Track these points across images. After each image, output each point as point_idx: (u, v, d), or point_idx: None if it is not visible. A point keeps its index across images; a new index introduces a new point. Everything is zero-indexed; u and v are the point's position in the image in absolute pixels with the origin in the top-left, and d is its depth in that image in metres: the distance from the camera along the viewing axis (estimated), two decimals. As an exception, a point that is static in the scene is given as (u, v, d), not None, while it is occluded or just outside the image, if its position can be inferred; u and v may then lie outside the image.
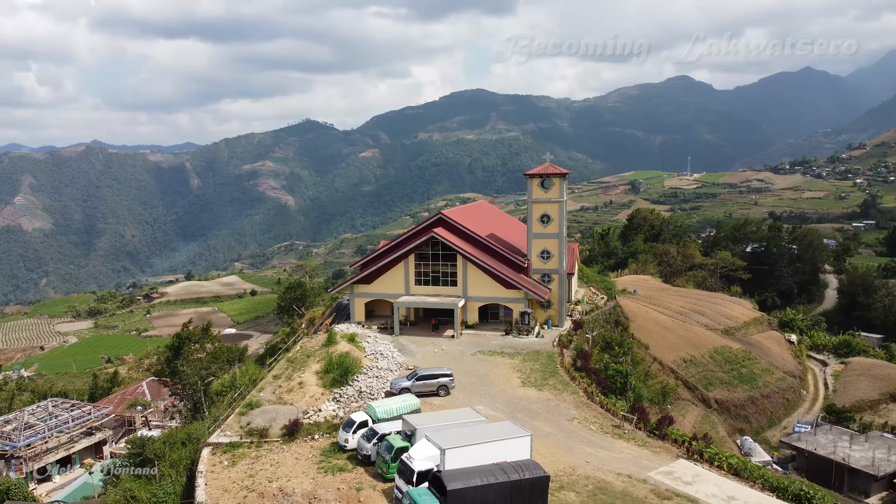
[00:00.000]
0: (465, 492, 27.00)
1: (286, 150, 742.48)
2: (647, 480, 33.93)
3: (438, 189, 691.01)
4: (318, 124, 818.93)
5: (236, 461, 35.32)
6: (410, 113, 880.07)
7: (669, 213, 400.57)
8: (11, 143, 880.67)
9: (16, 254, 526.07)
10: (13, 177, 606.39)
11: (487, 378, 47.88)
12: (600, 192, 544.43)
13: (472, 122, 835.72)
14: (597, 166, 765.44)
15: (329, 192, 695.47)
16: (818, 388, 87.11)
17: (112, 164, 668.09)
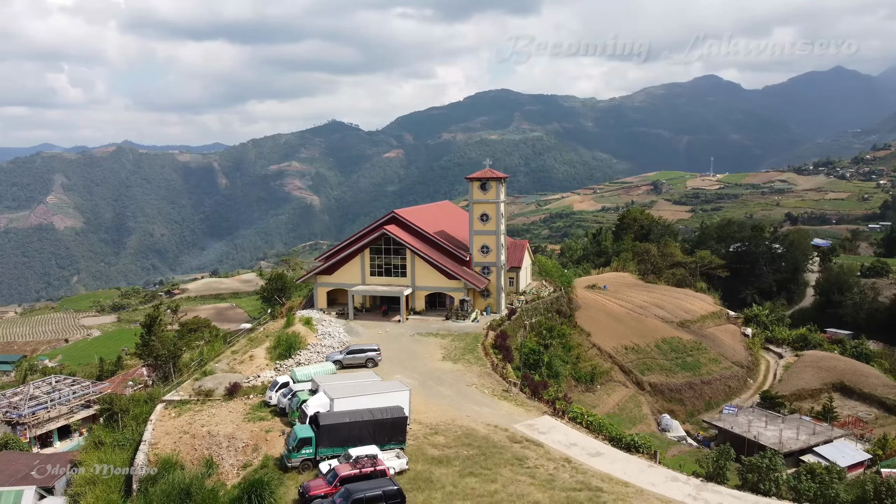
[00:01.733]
0: (334, 426, 34.73)
1: (312, 150, 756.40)
2: (509, 429, 41.25)
3: (461, 189, 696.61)
4: (344, 125, 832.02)
5: (182, 413, 43.43)
6: (434, 113, 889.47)
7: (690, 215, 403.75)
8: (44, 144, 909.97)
9: (48, 252, 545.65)
10: (46, 176, 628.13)
11: (415, 354, 55.50)
12: (622, 192, 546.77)
13: (495, 122, 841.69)
14: (621, 166, 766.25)
15: (353, 192, 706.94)
16: (767, 378, 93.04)
17: (142, 163, 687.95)
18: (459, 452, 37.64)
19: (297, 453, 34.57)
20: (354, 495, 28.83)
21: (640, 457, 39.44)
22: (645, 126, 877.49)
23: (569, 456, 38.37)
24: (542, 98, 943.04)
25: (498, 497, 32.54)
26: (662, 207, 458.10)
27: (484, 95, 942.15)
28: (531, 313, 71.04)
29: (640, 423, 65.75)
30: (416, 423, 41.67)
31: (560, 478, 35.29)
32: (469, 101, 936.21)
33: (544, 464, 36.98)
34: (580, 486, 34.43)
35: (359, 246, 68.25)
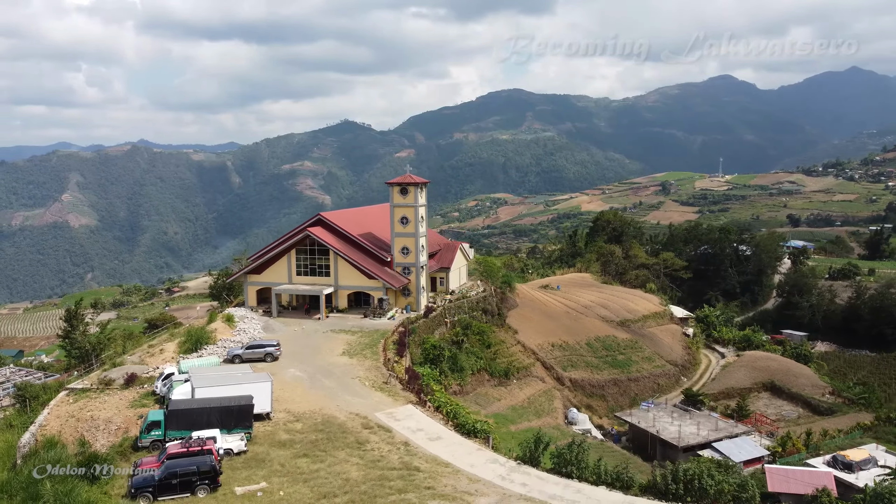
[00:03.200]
0: (181, 411, 38.83)
1: (324, 150, 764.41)
2: (368, 417, 45.08)
3: (471, 189, 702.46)
4: (356, 125, 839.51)
5: (78, 400, 47.70)
6: (447, 113, 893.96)
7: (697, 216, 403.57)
8: (61, 142, 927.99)
9: (63, 249, 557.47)
10: (61, 175, 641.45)
11: (318, 349, 59.46)
12: (630, 192, 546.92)
13: (507, 121, 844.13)
14: (633, 166, 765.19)
15: (364, 192, 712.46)
16: (703, 377, 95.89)
17: (156, 162, 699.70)
18: (307, 437, 41.53)
19: (146, 434, 38.74)
20: (170, 469, 32.88)
21: (476, 441, 43.05)
22: (659, 126, 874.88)
23: (409, 440, 42.13)
24: (555, 98, 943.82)
25: (318, 475, 36.38)
26: (670, 208, 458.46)
27: (496, 95, 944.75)
28: (454, 311, 74.65)
29: (547, 415, 69.03)
30: (286, 411, 45.67)
31: (388, 459, 39.06)
32: (481, 100, 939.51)
33: (381, 447, 40.77)
34: (401, 466, 38.18)
35: (285, 247, 72.43)
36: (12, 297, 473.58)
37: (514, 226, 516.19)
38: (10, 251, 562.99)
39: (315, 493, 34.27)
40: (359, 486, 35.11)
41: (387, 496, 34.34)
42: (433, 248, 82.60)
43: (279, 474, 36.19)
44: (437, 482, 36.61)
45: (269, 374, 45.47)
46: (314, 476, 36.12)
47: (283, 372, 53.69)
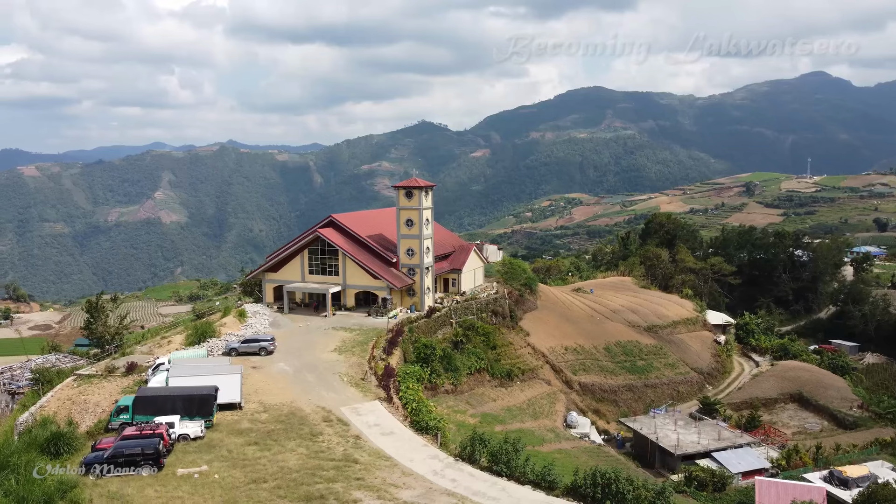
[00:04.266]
0: (147, 398, 42.55)
1: (401, 150, 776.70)
2: (332, 411, 47.58)
3: (547, 188, 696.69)
4: (433, 125, 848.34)
5: (81, 385, 52.44)
6: (524, 112, 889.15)
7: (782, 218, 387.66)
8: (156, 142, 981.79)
9: (155, 244, 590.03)
10: (154, 173, 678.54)
11: (313, 345, 62.50)
12: (713, 193, 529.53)
13: (586, 120, 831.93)
14: (719, 166, 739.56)
15: (438, 191, 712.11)
16: (731, 385, 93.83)
17: (243, 162, 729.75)
18: (266, 427, 44.42)
19: (116, 418, 42.63)
20: (118, 449, 36.39)
21: (426, 438, 44.77)
22: (746, 124, 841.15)
23: (362, 434, 44.35)
24: (637, 95, 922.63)
25: (259, 462, 39.12)
26: (753, 210, 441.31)
27: (575, 93, 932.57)
28: (461, 312, 76.29)
29: (545, 417, 69.64)
30: (258, 402, 48.77)
31: (333, 451, 41.42)
32: (559, 99, 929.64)
33: (332, 439, 43.17)
34: (342, 457, 40.45)
35: (298, 246, 76.11)
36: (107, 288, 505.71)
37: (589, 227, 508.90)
38: (106, 245, 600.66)
39: (247, 477, 37.01)
40: (291, 474, 37.60)
41: (314, 484, 36.67)
42: (447, 250, 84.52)
43: (223, 459, 39.15)
44: (370, 474, 38.65)
45: (240, 367, 48.71)
46: (254, 463, 38.89)
47: (272, 366, 57.04)
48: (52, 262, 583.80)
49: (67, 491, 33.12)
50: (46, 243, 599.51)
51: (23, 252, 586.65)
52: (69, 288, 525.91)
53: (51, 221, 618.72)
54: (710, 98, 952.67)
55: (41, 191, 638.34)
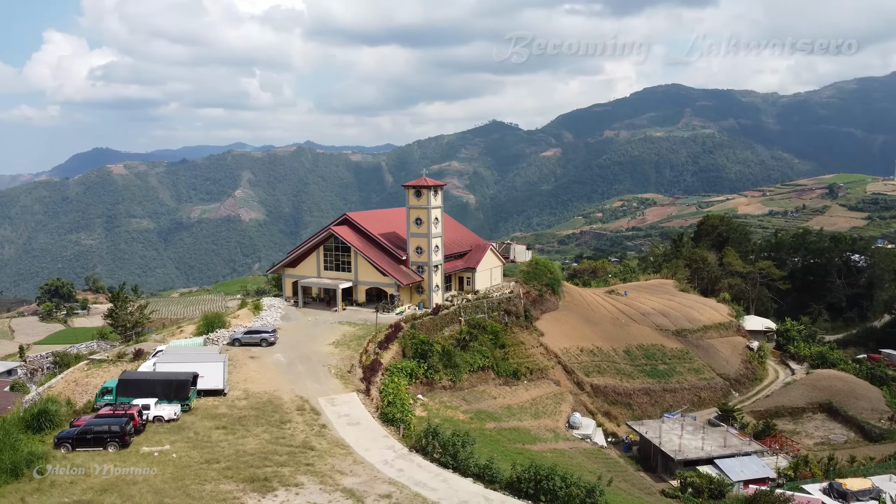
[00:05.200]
0: (129, 381, 45.63)
1: (471, 150, 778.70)
2: (309, 401, 49.66)
3: (619, 188, 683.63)
4: (503, 125, 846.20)
5: (90, 369, 56.50)
6: (597, 111, 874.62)
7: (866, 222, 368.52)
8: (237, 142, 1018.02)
9: (234, 241, 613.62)
10: (235, 172, 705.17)
11: (315, 338, 64.87)
12: (794, 195, 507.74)
13: (663, 118, 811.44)
14: (803, 167, 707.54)
15: (508, 191, 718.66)
16: (759, 392, 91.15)
17: (319, 162, 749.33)
18: (240, 413, 46.87)
19: (101, 398, 45.94)
20: (87, 426, 39.54)
21: (390, 429, 46.13)
22: (833, 124, 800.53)
23: (329, 423, 46.23)
24: (717, 93, 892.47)
25: (219, 445, 41.47)
26: (836, 213, 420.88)
27: (652, 91, 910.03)
28: (471, 310, 77.16)
29: (547, 417, 69.58)
30: (243, 390, 51.40)
31: (294, 437, 43.44)
32: (635, 97, 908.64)
33: (298, 426, 45.21)
34: (301, 444, 42.41)
35: (314, 243, 78.92)
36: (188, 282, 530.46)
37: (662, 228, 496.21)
38: (189, 241, 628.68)
39: (203, 458, 39.38)
40: (245, 457, 39.76)
41: (263, 467, 38.70)
42: (464, 248, 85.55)
43: (187, 440, 41.72)
44: (322, 461, 40.42)
45: (224, 356, 51.43)
46: (214, 445, 41.28)
47: (268, 356, 59.72)
48: (137, 257, 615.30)
49: (34, 461, 36.27)
50: (133, 238, 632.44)
51: (111, 246, 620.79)
52: (153, 281, 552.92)
53: (137, 217, 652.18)
54: (796, 96, 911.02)
55: (129, 188, 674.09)
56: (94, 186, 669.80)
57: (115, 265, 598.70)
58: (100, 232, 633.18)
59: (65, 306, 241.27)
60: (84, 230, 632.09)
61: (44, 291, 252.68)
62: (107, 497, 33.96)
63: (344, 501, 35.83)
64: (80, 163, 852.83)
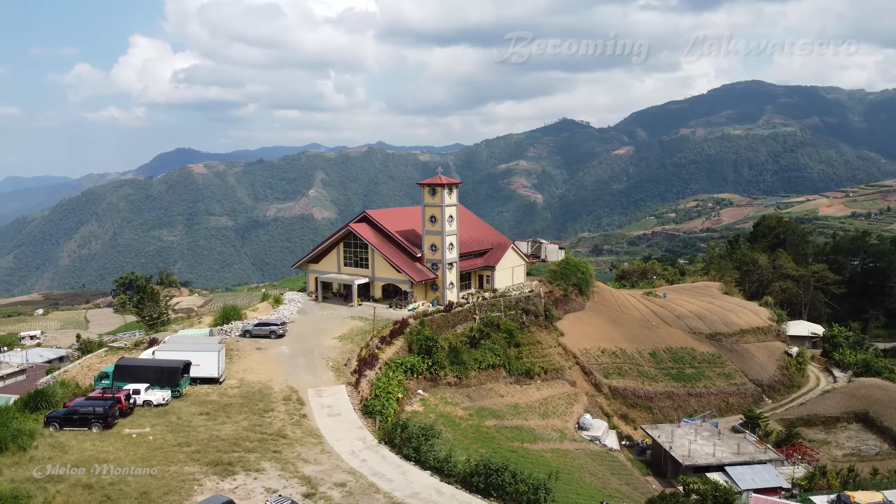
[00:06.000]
0: (124, 367, 48.26)
1: (540, 149, 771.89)
2: (298, 391, 51.20)
3: (695, 188, 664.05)
4: (574, 123, 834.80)
5: (107, 355, 59.75)
6: (673, 108, 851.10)
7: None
8: (312, 143, 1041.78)
9: (308, 238, 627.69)
10: (309, 172, 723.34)
11: (323, 331, 66.49)
12: (878, 197, 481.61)
13: (742, 116, 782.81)
14: (891, 167, 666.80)
15: (577, 190, 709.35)
16: (795, 400, 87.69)
17: (388, 163, 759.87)
18: (228, 401, 48.82)
19: (98, 383, 48.73)
20: (74, 407, 42.20)
21: (368, 421, 47.04)
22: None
23: (310, 413, 47.64)
24: (800, 90, 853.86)
25: (196, 429, 43.37)
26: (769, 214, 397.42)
27: (731, 88, 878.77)
28: (486, 308, 77.28)
29: (556, 417, 68.92)
30: (239, 380, 53.43)
31: (271, 426, 44.99)
32: (713, 93, 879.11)
33: (279, 416, 46.76)
34: (275, 432, 43.90)
35: (334, 240, 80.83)
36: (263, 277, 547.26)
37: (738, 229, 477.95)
38: (265, 238, 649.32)
39: (177, 441, 41.36)
40: (216, 442, 41.52)
41: (231, 452, 40.34)
42: (484, 247, 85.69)
43: (168, 424, 43.83)
44: (290, 449, 41.78)
45: (220, 346, 53.37)
46: (192, 429, 43.23)
47: (274, 348, 61.74)
48: (216, 253, 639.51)
49: (19, 437, 39.01)
50: (212, 235, 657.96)
51: (191, 243, 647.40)
52: (230, 276, 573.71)
53: (216, 215, 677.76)
54: (884, 93, 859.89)
55: (208, 187, 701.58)
56: (176, 185, 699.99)
57: (195, 261, 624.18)
58: (181, 229, 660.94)
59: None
60: (166, 227, 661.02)
61: (118, 284, 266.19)
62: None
63: (298, 487, 36.97)
64: (164, 162, 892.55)
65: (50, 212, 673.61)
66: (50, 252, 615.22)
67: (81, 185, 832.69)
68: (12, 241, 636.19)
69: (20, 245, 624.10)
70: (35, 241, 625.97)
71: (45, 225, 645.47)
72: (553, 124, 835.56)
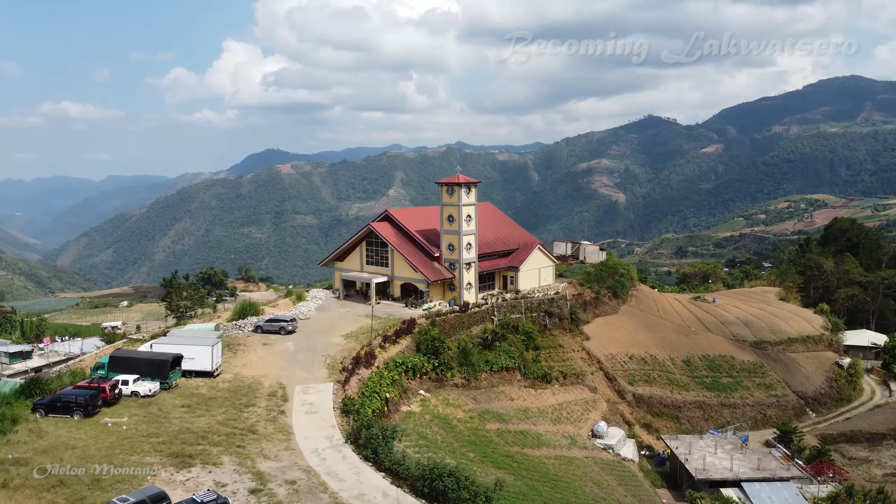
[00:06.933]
0: (118, 358, 50.23)
1: (623, 147, 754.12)
2: (286, 388, 51.89)
3: (788, 188, 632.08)
4: (660, 120, 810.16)
5: (124, 346, 62.48)
6: (765, 104, 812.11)
7: None
8: (394, 144, 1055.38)
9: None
10: (389, 172, 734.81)
11: (331, 329, 67.08)
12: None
13: (839, 113, 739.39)
14: None
15: (662, 190, 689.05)
16: (843, 414, 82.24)
17: (466, 162, 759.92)
18: (215, 395, 50.05)
19: (94, 372, 50.88)
20: (57, 396, 44.32)
21: (344, 420, 46.99)
22: None
23: (288, 410, 48.20)
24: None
25: (173, 421, 44.61)
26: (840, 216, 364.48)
27: (828, 84, 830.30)
28: (505, 310, 76.01)
29: (570, 423, 66.83)
30: (234, 374, 54.76)
31: (245, 420, 45.79)
32: (808, 89, 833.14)
33: (257, 411, 47.52)
34: (246, 427, 44.64)
35: (356, 239, 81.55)
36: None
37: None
38: (346, 236, 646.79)
39: (148, 432, 42.67)
40: (184, 434, 42.55)
41: (195, 445, 41.26)
42: (510, 247, 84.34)
43: (146, 415, 45.29)
44: (254, 445, 42.36)
45: (215, 341, 54.62)
46: (167, 421, 44.51)
47: (280, 343, 62.95)
48: (300, 250, 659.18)
49: (2, 422, 41.33)
50: (297, 233, 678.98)
51: (277, 240, 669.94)
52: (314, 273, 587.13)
53: (301, 214, 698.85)
54: None
55: (294, 186, 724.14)
56: (265, 184, 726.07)
57: (281, 257, 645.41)
58: (268, 226, 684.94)
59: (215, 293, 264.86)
60: (255, 224, 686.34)
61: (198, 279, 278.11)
62: (41, 457, 37.92)
63: (248, 483, 37.39)
64: (254, 162, 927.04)
65: (147, 209, 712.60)
66: (146, 247, 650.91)
67: (177, 183, 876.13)
68: (112, 236, 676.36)
69: (119, 240, 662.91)
70: (132, 237, 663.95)
71: (141, 221, 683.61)
72: (637, 121, 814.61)
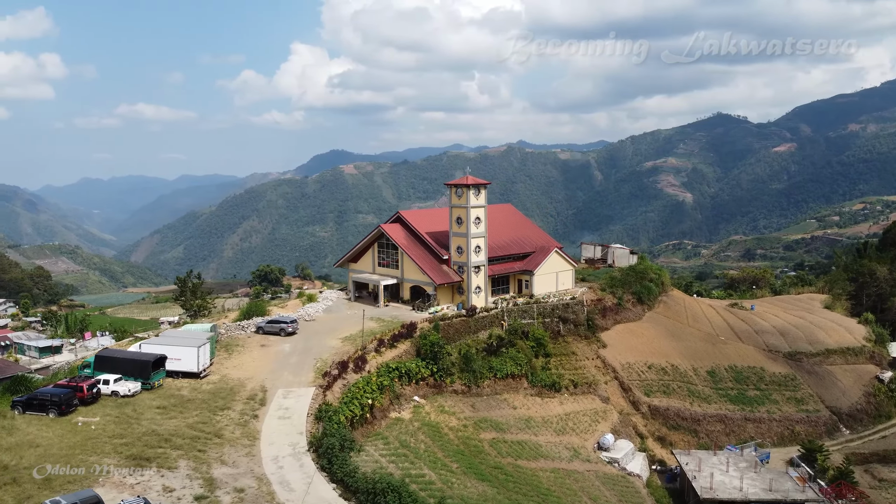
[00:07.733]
0: (103, 358, 50.95)
1: (690, 145, 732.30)
2: (267, 391, 51.67)
3: (864, 189, 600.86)
4: (729, 118, 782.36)
5: (132, 344, 63.62)
6: (841, 102, 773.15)
7: None
8: (455, 144, 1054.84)
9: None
10: (449, 172, 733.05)
11: (332, 331, 66.60)
12: None
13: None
14: None
15: (731, 189, 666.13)
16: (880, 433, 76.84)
17: (527, 161, 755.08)
18: (194, 396, 50.23)
19: (81, 371, 51.77)
20: (34, 394, 45.25)
21: (316, 426, 46.17)
22: None
23: (261, 415, 47.83)
24: None
25: (142, 422, 44.79)
26: None
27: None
28: (515, 315, 73.99)
29: (575, 434, 64.31)
30: (221, 375, 54.99)
31: (216, 424, 45.66)
32: (887, 86, 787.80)
33: (230, 415, 47.37)
34: (213, 431, 44.56)
35: (368, 241, 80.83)
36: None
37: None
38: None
39: (115, 432, 42.95)
40: (149, 436, 42.62)
41: (157, 447, 41.30)
42: (527, 250, 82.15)
43: (118, 416, 45.61)
44: (216, 449, 42.19)
45: (202, 342, 54.67)
46: (136, 422, 44.74)
47: (278, 345, 62.98)
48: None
49: (-21, 418, 42.46)
50: (359, 231, 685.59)
51: (340, 239, 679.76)
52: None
53: (363, 213, 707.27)
54: None
55: (357, 186, 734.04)
56: (329, 184, 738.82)
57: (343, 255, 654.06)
58: (332, 225, 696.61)
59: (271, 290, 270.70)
60: (318, 223, 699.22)
61: (255, 276, 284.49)
62: (3, 454, 38.59)
63: (196, 489, 37.06)
64: (319, 163, 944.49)
65: (217, 207, 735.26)
66: (215, 244, 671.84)
67: (246, 183, 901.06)
68: (183, 233, 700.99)
69: (190, 237, 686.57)
70: (203, 234, 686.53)
71: (211, 219, 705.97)
72: (706, 119, 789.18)
